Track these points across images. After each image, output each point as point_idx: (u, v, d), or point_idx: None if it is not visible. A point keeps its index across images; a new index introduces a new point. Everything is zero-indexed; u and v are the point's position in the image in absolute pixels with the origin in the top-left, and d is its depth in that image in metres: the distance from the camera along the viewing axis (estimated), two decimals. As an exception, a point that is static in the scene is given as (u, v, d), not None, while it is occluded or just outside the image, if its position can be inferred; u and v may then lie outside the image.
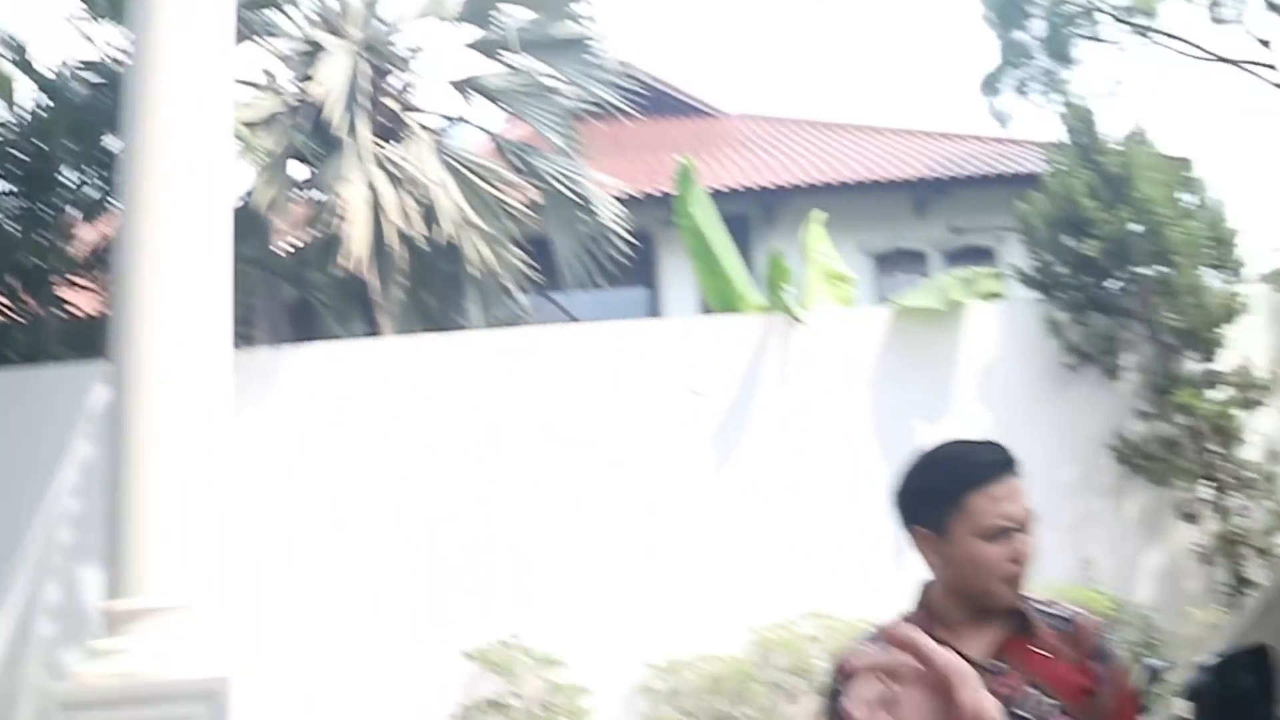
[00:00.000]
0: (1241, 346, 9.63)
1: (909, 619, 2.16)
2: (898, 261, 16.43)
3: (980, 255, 15.77)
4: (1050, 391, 9.79)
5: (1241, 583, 9.34)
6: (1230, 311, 9.56)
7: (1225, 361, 9.62)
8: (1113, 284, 9.86)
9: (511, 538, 8.99)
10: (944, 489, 2.07)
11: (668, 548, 9.09)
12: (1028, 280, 10.25)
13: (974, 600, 2.08)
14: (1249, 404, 9.48)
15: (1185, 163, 10.41)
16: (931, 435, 9.99)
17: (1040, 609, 2.17)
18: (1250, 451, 9.48)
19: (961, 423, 9.63)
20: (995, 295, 10.52)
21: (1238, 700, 2.12)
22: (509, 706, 8.48)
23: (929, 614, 2.14)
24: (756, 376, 9.66)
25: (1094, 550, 9.51)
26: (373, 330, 10.26)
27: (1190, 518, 9.52)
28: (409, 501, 9.01)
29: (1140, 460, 9.50)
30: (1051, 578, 8.92)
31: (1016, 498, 2.08)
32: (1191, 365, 9.66)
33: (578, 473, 9.17)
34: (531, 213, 11.10)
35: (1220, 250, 9.90)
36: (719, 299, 10.76)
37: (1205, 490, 9.49)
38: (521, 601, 8.83)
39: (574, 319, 13.47)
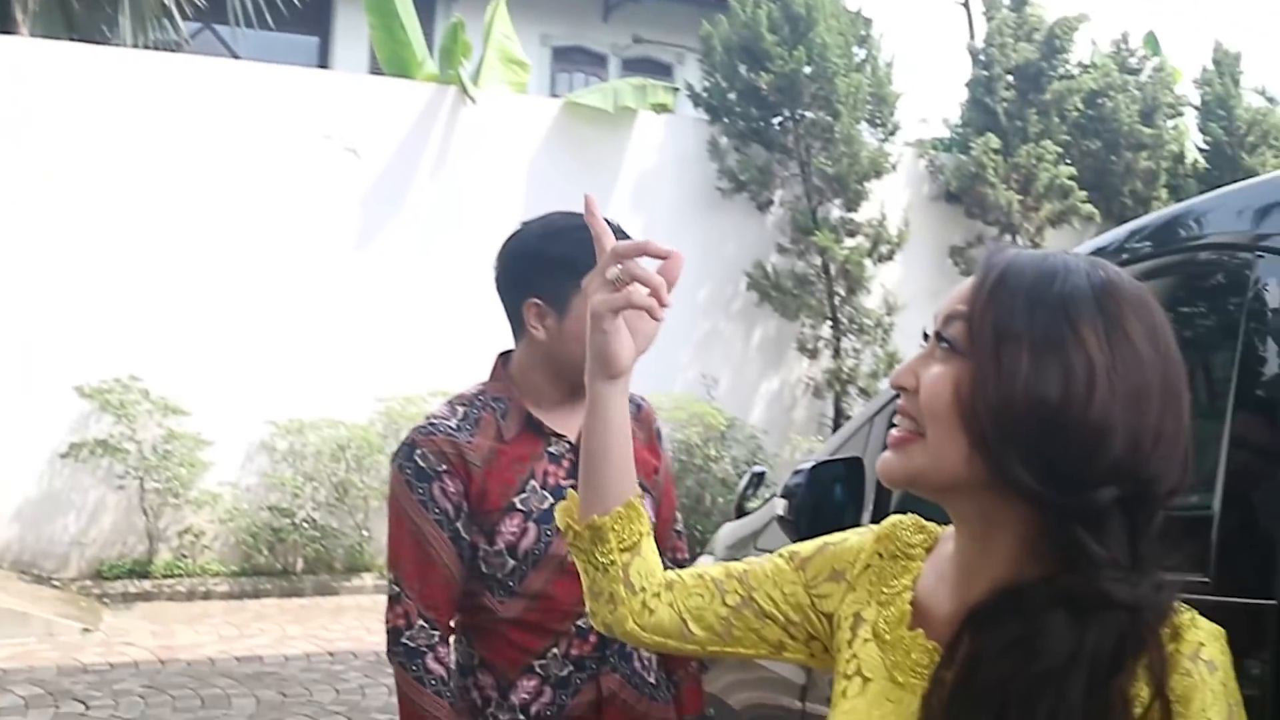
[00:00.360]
0: (881, 202, 10.20)
1: (491, 390, 2.09)
2: (577, 60, 16.35)
3: (659, 69, 15.92)
4: (701, 211, 10.08)
5: (842, 417, 10.10)
6: (878, 168, 10.10)
7: (865, 213, 10.18)
8: (777, 120, 10.18)
9: (140, 273, 8.45)
10: (574, 262, 1.93)
11: (305, 307, 8.84)
12: (699, 101, 10.44)
13: (574, 380, 1.91)
14: (878, 256, 10.12)
15: (865, 20, 10.76)
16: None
17: None
18: (871, 300, 10.15)
19: (614, 229, 9.77)
20: (666, 109, 10.66)
21: (828, 504, 2.28)
22: (123, 449, 8.15)
23: (514, 388, 2.07)
24: (419, 147, 9.43)
25: (717, 369, 10.02)
26: (6, 28, 9.27)
27: (809, 352, 10.16)
28: (29, 219, 8.31)
29: (773, 292, 9.99)
30: (674, 389, 9.38)
31: None
32: (835, 211, 10.17)
33: (220, 216, 8.70)
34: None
35: (880, 109, 10.39)
36: (392, 61, 10.37)
37: (826, 329, 10.12)
38: (145, 343, 8.38)
39: (236, 57, 12.68)
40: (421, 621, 1.93)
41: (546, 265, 1.98)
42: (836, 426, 10.17)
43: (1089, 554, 0.98)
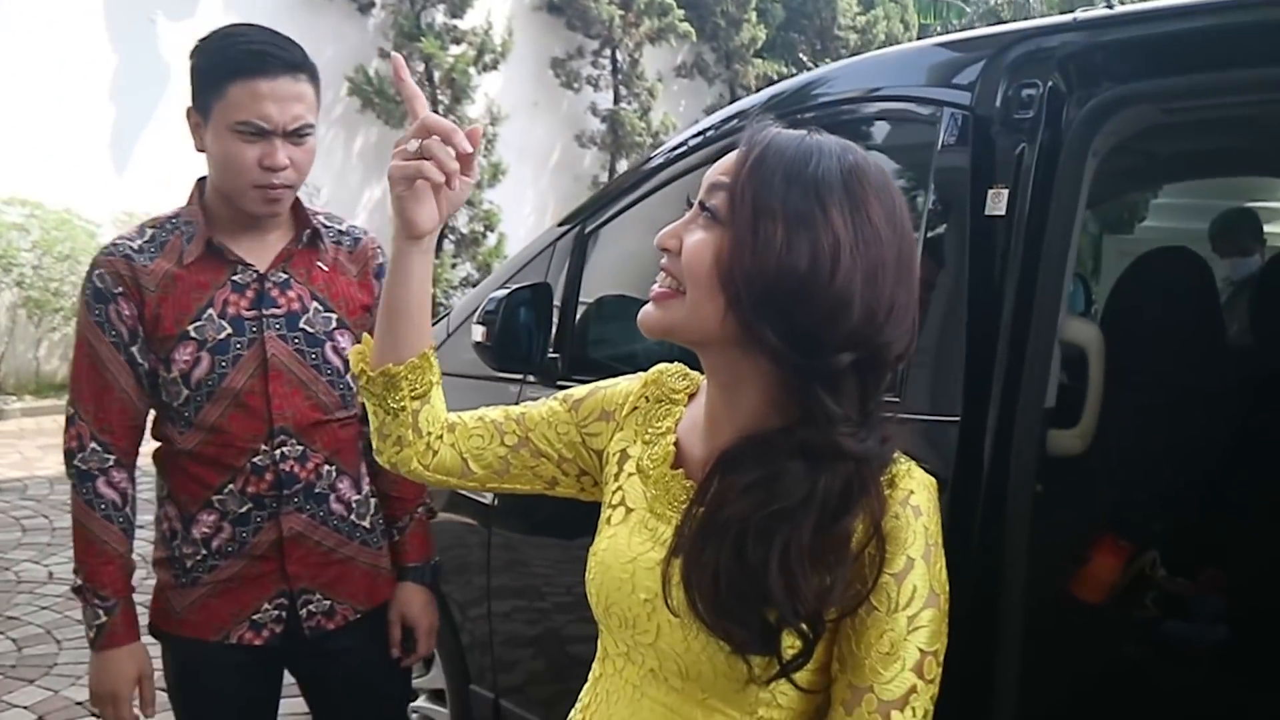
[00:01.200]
0: (487, 10, 10.12)
1: (185, 214, 2.02)
2: None
3: None
4: (298, 12, 9.63)
5: (446, 226, 10.13)
6: (484, -27, 9.98)
7: (469, 21, 10.08)
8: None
9: None
10: (209, 70, 1.88)
11: None
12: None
13: (231, 202, 1.94)
14: (482, 65, 10.08)
15: None
16: (169, 35, 9.42)
17: (328, 225, 2.13)
18: (475, 110, 10.14)
19: (204, 27, 9.23)
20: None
21: (516, 325, 2.38)
22: None
23: (206, 214, 1.99)
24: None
25: (318, 177, 9.74)
26: None
27: (411, 160, 10.05)
28: None
29: (376, 98, 9.79)
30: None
31: (287, 102, 1.89)
32: (440, 18, 10.01)
33: None
34: None
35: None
36: None
37: (430, 138, 10.05)
38: None
39: None
40: (94, 445, 1.95)
41: (194, 74, 1.95)
42: (441, 236, 10.21)
43: (826, 411, 1.10)
